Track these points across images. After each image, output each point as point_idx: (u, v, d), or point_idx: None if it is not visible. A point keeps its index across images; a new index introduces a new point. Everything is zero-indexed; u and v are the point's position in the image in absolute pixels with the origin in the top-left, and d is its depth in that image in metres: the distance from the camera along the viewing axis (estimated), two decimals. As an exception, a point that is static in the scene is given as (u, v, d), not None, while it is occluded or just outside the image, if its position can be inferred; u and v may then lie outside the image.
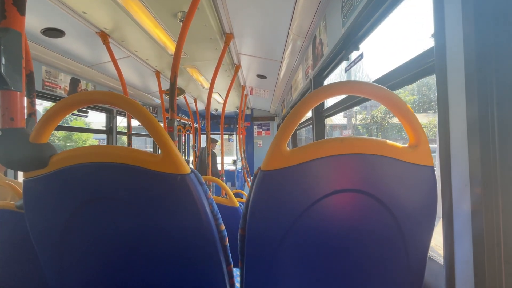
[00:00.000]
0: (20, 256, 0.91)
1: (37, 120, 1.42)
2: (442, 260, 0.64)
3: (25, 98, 1.17)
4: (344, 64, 1.51)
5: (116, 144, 3.47)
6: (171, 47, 2.28)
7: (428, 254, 0.63)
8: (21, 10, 0.61)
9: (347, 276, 0.63)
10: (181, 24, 1.50)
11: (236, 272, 0.98)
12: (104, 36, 1.99)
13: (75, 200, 0.60)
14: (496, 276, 0.50)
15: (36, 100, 1.28)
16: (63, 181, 0.59)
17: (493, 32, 0.49)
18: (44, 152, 0.59)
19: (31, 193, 0.60)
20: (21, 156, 0.58)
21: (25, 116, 1.17)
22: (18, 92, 0.60)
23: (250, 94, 4.48)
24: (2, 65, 0.56)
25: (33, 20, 1.72)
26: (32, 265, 0.90)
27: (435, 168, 0.59)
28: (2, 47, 0.56)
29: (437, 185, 0.59)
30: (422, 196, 0.58)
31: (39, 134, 0.59)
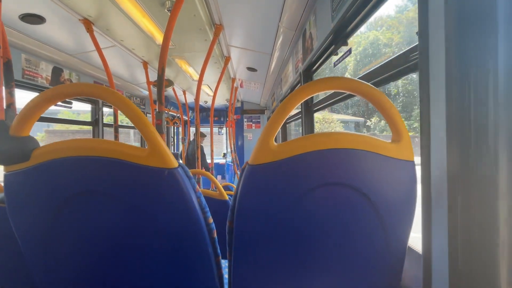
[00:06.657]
0: (3, 252, 0.89)
1: (17, 111, 1.37)
2: (421, 250, 0.67)
3: (3, 88, 1.11)
4: (333, 59, 1.52)
5: (103, 136, 3.38)
6: (159, 37, 2.22)
7: (408, 244, 0.66)
8: None
9: (331, 266, 0.65)
10: (169, 14, 1.46)
11: (225, 263, 1.00)
12: (87, 24, 1.90)
13: (60, 194, 0.59)
14: (468, 264, 0.53)
15: (16, 90, 1.22)
16: (47, 175, 0.58)
17: (472, 33, 0.50)
18: (25, 145, 0.57)
19: (13, 187, 0.59)
20: (1, 149, 0.56)
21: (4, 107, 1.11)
22: None
23: (240, 87, 4.44)
24: None
25: (10, 5, 1.62)
26: (16, 261, 0.88)
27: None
28: None
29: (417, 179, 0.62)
30: (403, 190, 0.60)
31: (20, 126, 0.57)
